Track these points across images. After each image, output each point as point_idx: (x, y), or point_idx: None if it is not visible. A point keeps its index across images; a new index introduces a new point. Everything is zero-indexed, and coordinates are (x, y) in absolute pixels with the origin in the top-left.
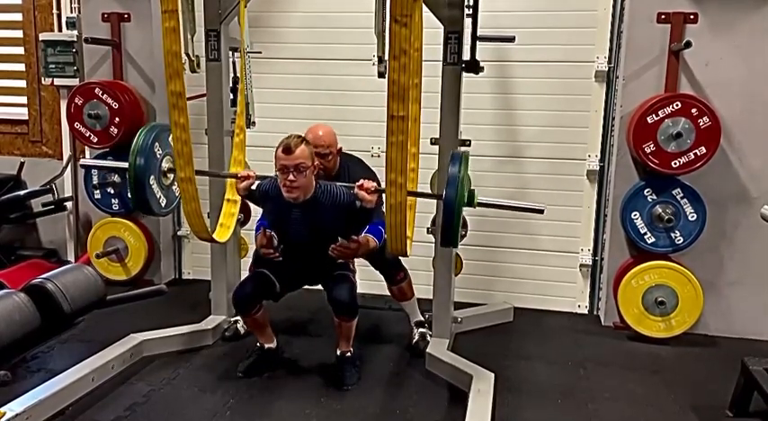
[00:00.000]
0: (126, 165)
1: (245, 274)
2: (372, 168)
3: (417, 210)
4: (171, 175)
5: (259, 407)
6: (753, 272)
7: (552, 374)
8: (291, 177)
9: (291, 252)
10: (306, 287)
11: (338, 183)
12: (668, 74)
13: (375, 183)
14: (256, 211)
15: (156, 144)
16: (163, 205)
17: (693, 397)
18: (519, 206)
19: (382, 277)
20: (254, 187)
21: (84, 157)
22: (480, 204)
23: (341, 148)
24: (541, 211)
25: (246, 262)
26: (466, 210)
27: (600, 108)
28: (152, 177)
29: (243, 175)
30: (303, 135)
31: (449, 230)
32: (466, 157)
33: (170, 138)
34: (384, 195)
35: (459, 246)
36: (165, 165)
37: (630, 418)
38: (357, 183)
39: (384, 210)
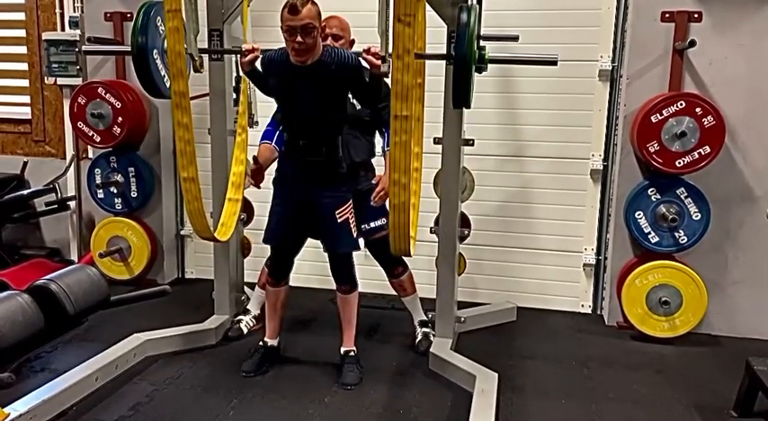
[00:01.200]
0: (129, 48)
1: (248, 274)
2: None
3: (420, 209)
4: None
5: (262, 407)
6: (757, 271)
7: (556, 374)
8: (299, 38)
9: (295, 130)
10: (306, 287)
11: (345, 49)
12: (672, 73)
13: (379, 51)
14: (259, 210)
15: (159, 19)
16: (168, 85)
17: (697, 397)
18: (531, 59)
19: (384, 274)
20: (258, 60)
21: (87, 157)
22: (492, 61)
23: (354, 40)
24: (554, 63)
25: (249, 261)
26: (468, 210)
27: (603, 107)
28: (155, 52)
29: (248, 49)
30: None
31: (461, 89)
32: (474, 9)
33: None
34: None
35: (462, 246)
36: None
37: (634, 418)
38: (364, 48)
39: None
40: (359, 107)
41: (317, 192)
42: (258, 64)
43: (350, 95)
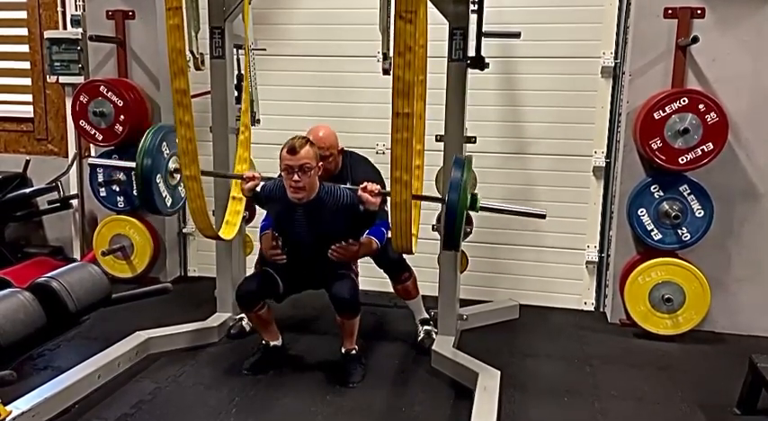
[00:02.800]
0: (133, 164)
1: (250, 272)
2: (376, 165)
3: (423, 206)
4: (177, 175)
5: (264, 405)
6: (760, 268)
7: (558, 372)
8: (296, 178)
9: (294, 253)
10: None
11: (342, 185)
12: (675, 69)
13: (378, 186)
14: (261, 210)
15: (164, 144)
16: (168, 205)
17: (701, 394)
18: (521, 211)
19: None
20: (258, 189)
21: (89, 155)
22: (483, 209)
23: (342, 149)
24: (543, 216)
25: (251, 259)
26: None
27: (606, 104)
28: (159, 177)
29: (248, 176)
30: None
31: (451, 235)
32: (469, 162)
33: (177, 139)
34: (388, 191)
35: (465, 243)
36: (172, 165)
37: (637, 416)
38: (360, 186)
39: (387, 209)
40: None
41: (323, 277)
42: (258, 188)
43: None
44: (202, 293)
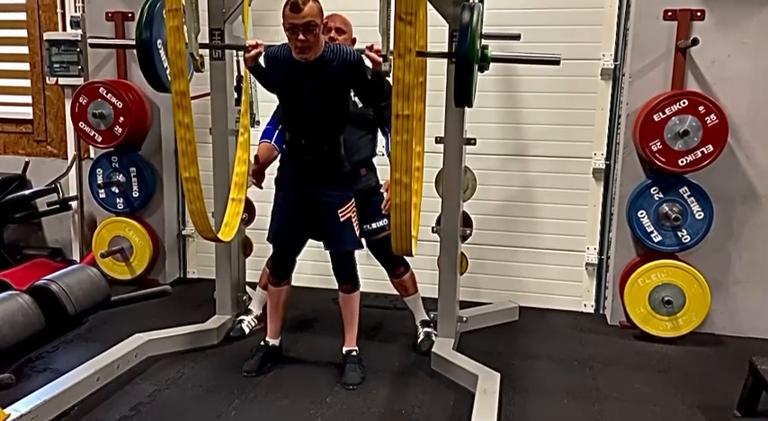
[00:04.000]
0: (133, 42)
1: (249, 273)
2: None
3: (422, 209)
4: None
5: (264, 407)
6: (761, 270)
7: (558, 374)
8: (301, 36)
9: (297, 128)
10: (309, 287)
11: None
12: (675, 71)
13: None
14: (261, 209)
15: (164, 12)
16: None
17: (701, 396)
18: (533, 58)
19: (386, 273)
20: (261, 59)
21: (88, 157)
22: (495, 59)
23: (355, 39)
24: (557, 62)
25: (251, 261)
26: (470, 209)
27: (606, 106)
28: (159, 43)
29: (251, 45)
30: None
31: (463, 88)
32: (478, 8)
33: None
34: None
35: (465, 245)
36: None
37: (637, 418)
38: (366, 46)
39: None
40: (360, 105)
41: (319, 192)
42: (261, 59)
43: (352, 93)
44: (202, 295)
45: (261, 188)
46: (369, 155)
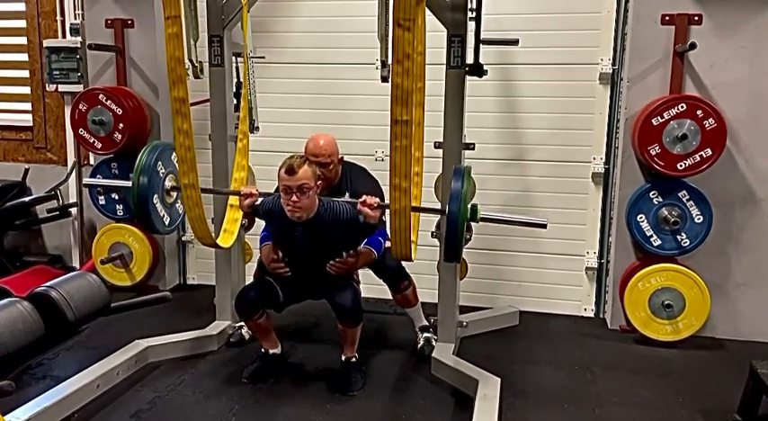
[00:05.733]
0: (129, 184)
1: (249, 280)
2: (375, 173)
3: (422, 213)
4: (174, 193)
5: (264, 414)
6: (760, 274)
7: (559, 378)
8: (295, 198)
9: (295, 266)
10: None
11: (340, 200)
12: (673, 75)
13: (377, 199)
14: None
15: (159, 163)
16: (167, 223)
17: (701, 400)
18: (522, 221)
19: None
20: (257, 203)
21: (88, 163)
22: (484, 219)
23: (342, 158)
24: (544, 226)
25: (251, 266)
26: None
27: (604, 110)
28: (156, 197)
29: (246, 193)
30: (305, 145)
31: (452, 246)
32: (468, 172)
33: (172, 157)
34: (388, 203)
35: (464, 250)
36: (169, 183)
37: None
38: (360, 200)
39: (386, 218)
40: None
41: (323, 288)
42: (258, 204)
43: None
44: (202, 301)
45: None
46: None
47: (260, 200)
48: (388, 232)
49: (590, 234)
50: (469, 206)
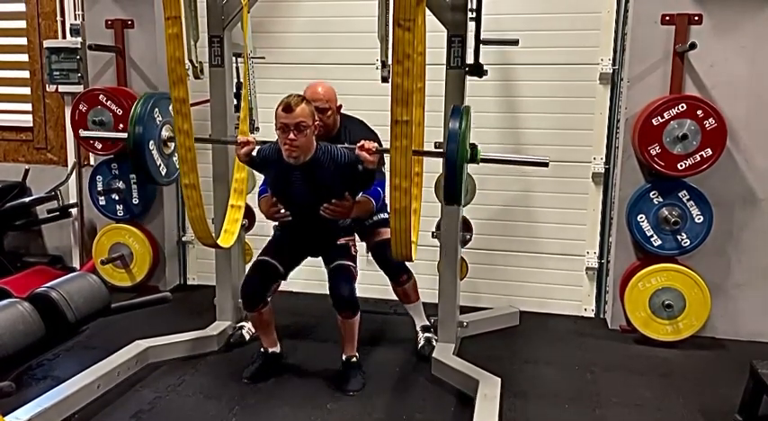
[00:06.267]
0: (125, 135)
1: None
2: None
3: (422, 213)
4: (171, 145)
5: (264, 414)
6: (761, 274)
7: (559, 378)
8: (292, 136)
9: (293, 215)
10: (309, 293)
11: (339, 145)
12: (673, 75)
13: (376, 144)
14: (261, 216)
15: (156, 110)
16: (164, 174)
17: (702, 400)
18: (523, 160)
19: (387, 278)
20: (254, 153)
21: (88, 164)
22: (484, 160)
23: (341, 106)
24: (546, 164)
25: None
26: (470, 214)
27: (605, 110)
28: (152, 143)
29: (242, 141)
30: (303, 91)
31: (452, 188)
32: (467, 111)
33: (170, 108)
34: (386, 156)
35: (464, 250)
36: (165, 133)
37: None
38: (358, 144)
39: (385, 169)
40: None
41: (321, 246)
42: (254, 153)
43: None
44: (202, 302)
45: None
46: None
47: (257, 148)
48: (388, 190)
49: (590, 234)
50: (469, 146)
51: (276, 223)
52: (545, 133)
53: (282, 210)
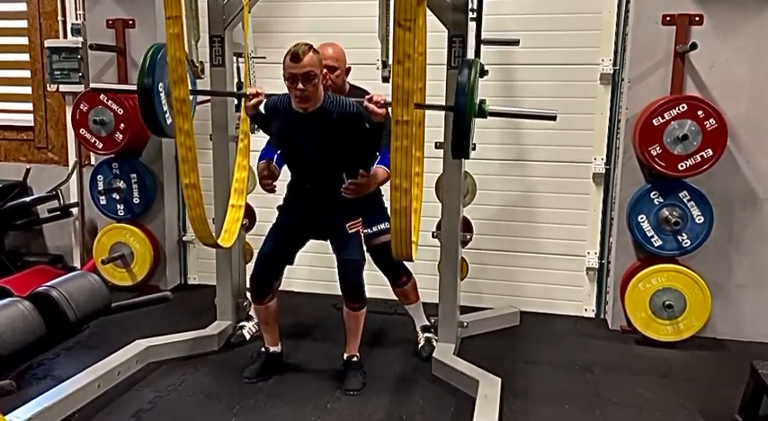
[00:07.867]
0: (135, 87)
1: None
2: None
3: (422, 214)
4: None
5: (265, 413)
6: (761, 274)
7: (559, 379)
8: (300, 86)
9: (299, 173)
10: (309, 292)
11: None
12: (674, 76)
13: (384, 97)
14: (262, 216)
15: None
16: (169, 123)
17: (702, 401)
18: (530, 113)
19: (386, 279)
20: (261, 107)
21: (89, 163)
22: (492, 114)
23: (350, 68)
24: (554, 118)
25: (251, 267)
26: (470, 214)
27: (605, 111)
28: (161, 86)
29: (252, 93)
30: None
31: (460, 141)
32: (476, 64)
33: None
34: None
35: (465, 250)
36: None
37: None
38: (366, 96)
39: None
40: None
41: (328, 221)
42: (261, 107)
43: None
44: (202, 301)
45: (274, 191)
46: (368, 164)
47: (265, 101)
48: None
49: (591, 234)
50: (477, 101)
51: (281, 202)
52: (545, 133)
53: (270, 182)
